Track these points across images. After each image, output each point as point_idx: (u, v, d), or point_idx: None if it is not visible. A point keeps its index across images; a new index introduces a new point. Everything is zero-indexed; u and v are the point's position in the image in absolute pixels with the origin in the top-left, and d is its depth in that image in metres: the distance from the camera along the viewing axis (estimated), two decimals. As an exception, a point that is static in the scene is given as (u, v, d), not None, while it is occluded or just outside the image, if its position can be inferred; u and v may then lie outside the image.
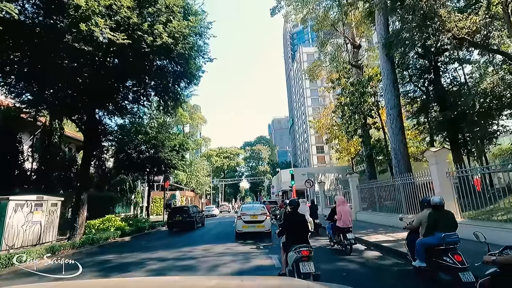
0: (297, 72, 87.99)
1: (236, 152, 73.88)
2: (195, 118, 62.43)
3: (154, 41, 9.55)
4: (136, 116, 15.89)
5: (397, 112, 16.78)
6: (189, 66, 12.60)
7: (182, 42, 10.53)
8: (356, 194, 14.08)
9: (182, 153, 19.15)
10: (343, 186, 21.39)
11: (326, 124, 33.15)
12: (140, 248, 9.72)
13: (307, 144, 75.98)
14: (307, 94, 76.97)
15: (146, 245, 10.37)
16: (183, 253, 8.21)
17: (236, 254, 7.96)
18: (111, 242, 10.87)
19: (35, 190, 12.26)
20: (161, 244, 10.49)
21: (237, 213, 13.55)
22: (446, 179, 7.57)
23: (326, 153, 70.63)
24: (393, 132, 16.63)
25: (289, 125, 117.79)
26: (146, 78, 13.71)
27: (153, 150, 17.47)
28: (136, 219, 16.75)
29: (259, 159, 79.79)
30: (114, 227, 11.93)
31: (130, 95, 15.08)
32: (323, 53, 29.17)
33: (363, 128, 23.05)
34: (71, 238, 10.11)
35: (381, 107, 23.38)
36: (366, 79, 21.49)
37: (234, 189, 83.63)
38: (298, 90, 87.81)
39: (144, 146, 17.91)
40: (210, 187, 60.61)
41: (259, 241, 10.25)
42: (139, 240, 12.18)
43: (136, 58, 11.69)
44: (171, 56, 11.74)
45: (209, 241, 10.70)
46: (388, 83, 17.40)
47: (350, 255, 7.33)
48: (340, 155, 34.35)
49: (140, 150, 17.51)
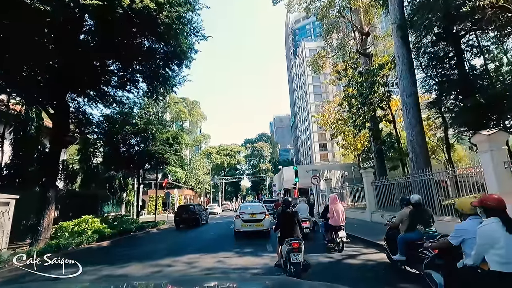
0: (299, 68, 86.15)
1: (236, 150, 72.05)
2: (194, 114, 60.89)
3: (132, 3, 7.85)
4: (123, 106, 14.25)
5: (414, 101, 15.08)
6: (179, 43, 10.90)
7: (167, 9, 8.83)
8: (371, 192, 12.34)
9: (176, 147, 17.47)
10: (350, 184, 19.87)
11: (331, 119, 31.39)
12: (112, 257, 7.92)
13: (310, 141, 74.23)
14: (310, 90, 75.11)
15: (121, 253, 8.59)
16: (160, 268, 6.41)
17: (228, 270, 6.27)
18: (84, 248, 9.17)
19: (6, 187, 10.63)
20: (139, 253, 8.74)
21: (236, 211, 13.44)
22: (504, 171, 5.80)
23: (329, 150, 68.91)
24: (410, 123, 14.92)
25: (290, 123, 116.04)
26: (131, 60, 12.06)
27: (143, 144, 15.85)
28: (123, 219, 15.13)
29: (260, 157, 77.86)
30: (92, 230, 10.28)
31: (114, 80, 13.43)
32: (328, 43, 27.44)
33: (372, 121, 21.36)
34: (34, 244, 8.47)
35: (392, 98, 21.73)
36: (377, 67, 19.75)
37: (235, 187, 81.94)
38: (300, 87, 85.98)
39: (133, 138, 16.27)
40: (210, 185, 59.00)
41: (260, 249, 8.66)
42: (118, 245, 10.46)
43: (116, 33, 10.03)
44: (157, 30, 10.03)
45: (199, 249, 8.92)
46: (404, 68, 15.67)
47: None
48: (346, 151, 32.63)
49: (128, 143, 15.88)
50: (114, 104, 13.63)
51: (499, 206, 2.76)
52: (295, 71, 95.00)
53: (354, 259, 7.09)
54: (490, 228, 2.68)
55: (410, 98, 15.04)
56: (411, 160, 14.64)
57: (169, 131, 17.52)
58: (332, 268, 6.28)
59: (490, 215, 2.78)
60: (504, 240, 2.55)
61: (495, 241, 2.60)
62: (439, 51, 15.97)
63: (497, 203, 2.78)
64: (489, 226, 2.69)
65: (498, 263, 2.57)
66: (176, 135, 17.61)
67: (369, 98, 20.24)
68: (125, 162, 16.13)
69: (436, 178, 10.33)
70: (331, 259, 7.02)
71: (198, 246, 9.85)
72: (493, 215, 2.74)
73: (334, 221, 7.91)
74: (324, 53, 28.85)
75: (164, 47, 11.95)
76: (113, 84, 13.42)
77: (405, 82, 15.42)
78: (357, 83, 21.30)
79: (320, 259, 6.95)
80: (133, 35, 10.42)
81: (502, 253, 2.55)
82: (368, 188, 12.45)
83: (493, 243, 2.61)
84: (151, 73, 12.61)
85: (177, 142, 17.49)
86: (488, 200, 2.86)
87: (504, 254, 2.54)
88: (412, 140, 14.61)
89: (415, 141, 14.46)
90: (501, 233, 2.59)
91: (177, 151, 17.71)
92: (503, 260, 2.55)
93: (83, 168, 17.03)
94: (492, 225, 2.68)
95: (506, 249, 2.54)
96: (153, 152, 15.65)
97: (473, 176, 7.56)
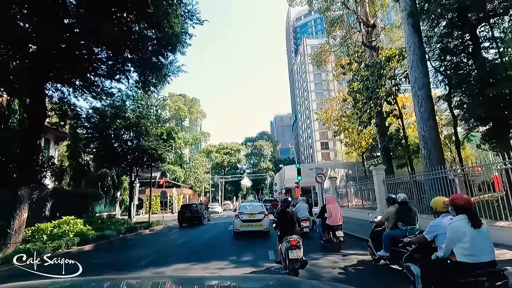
0: (300, 65, 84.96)
1: (237, 148, 70.73)
2: (193, 112, 59.79)
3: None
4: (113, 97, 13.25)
5: (426, 93, 14.11)
6: (172, 26, 9.88)
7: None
8: (383, 191, 11.22)
9: (171, 143, 16.39)
10: (355, 182, 18.88)
11: (334, 115, 30.31)
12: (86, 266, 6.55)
13: (311, 140, 73.09)
14: (311, 88, 73.91)
15: (99, 261, 7.34)
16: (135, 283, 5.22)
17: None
18: (62, 253, 8.05)
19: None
20: (120, 260, 7.67)
21: (235, 211, 13.41)
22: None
23: (331, 149, 67.77)
24: (422, 117, 13.94)
25: (291, 122, 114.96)
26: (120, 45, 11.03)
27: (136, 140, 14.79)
28: (112, 220, 14.09)
29: (261, 156, 76.52)
30: (73, 232, 9.24)
31: (102, 69, 12.39)
32: (331, 36, 26.36)
33: (379, 116, 20.30)
34: (2, 249, 7.43)
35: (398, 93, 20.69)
36: (384, 59, 18.69)
37: (235, 186, 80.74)
38: (301, 84, 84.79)
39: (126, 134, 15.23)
40: (210, 184, 57.94)
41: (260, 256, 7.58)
42: (101, 250, 9.31)
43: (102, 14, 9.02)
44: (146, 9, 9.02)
45: (189, 256, 7.77)
46: (415, 58, 14.67)
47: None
48: (350, 149, 31.58)
49: (120, 138, 14.84)
50: (103, 96, 12.57)
51: (467, 205, 3.00)
52: (296, 69, 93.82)
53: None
54: (458, 224, 2.92)
55: (422, 90, 14.03)
56: (424, 156, 13.64)
57: (163, 126, 16.46)
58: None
59: (459, 213, 3.01)
60: (470, 235, 2.83)
61: (462, 235, 2.87)
62: (453, 40, 14.88)
63: (465, 202, 3.02)
64: (457, 222, 2.94)
65: (464, 255, 2.85)
66: (170, 130, 16.55)
67: (375, 92, 19.20)
68: (116, 159, 15.08)
69: (450, 177, 9.37)
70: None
71: (189, 252, 8.73)
72: (461, 212, 2.98)
73: (332, 220, 7.90)
74: (327, 47, 27.78)
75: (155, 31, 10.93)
76: (101, 73, 12.40)
77: (417, 73, 14.40)
78: (363, 77, 20.26)
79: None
80: (121, 18, 9.40)
81: (467, 246, 2.83)
82: (379, 187, 11.35)
83: (460, 238, 2.88)
84: (142, 60, 11.59)
85: (172, 137, 16.43)
86: (458, 199, 3.09)
87: (469, 247, 2.82)
88: (425, 135, 13.60)
89: (427, 136, 13.45)
90: (467, 228, 2.85)
91: (172, 147, 16.65)
92: (468, 252, 2.82)
93: (73, 165, 15.99)
94: (460, 222, 2.92)
95: (471, 243, 2.82)
96: (146, 148, 14.60)
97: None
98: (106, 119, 13.71)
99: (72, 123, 14.56)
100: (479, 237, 2.84)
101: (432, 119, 13.66)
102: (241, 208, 12.29)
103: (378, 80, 18.81)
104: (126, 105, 14.72)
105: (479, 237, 2.84)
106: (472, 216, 2.92)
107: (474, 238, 2.82)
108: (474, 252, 2.80)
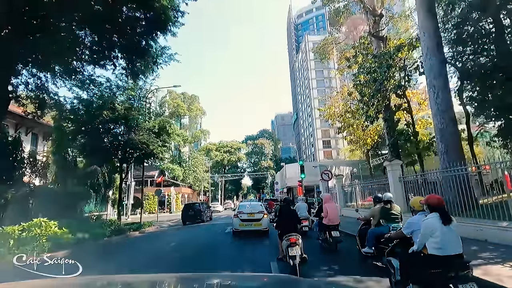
0: (302, 62, 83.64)
1: (237, 146, 69.29)
2: (193, 109, 58.52)
3: None
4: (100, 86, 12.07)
5: (443, 82, 12.89)
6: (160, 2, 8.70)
7: None
8: (400, 189, 9.84)
9: (164, 138, 15.13)
10: (363, 181, 17.73)
11: (338, 111, 29.01)
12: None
13: (313, 138, 71.85)
14: (313, 85, 72.59)
15: None
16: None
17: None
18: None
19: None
20: (87, 272, 6.37)
21: (234, 210, 13.24)
22: None
23: (334, 147, 66.52)
24: (439, 108, 12.68)
25: (293, 120, 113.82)
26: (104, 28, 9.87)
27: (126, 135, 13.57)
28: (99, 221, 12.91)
29: (261, 154, 75.06)
30: (46, 237, 8.04)
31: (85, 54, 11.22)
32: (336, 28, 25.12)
33: (387, 110, 19.05)
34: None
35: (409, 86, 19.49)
36: (395, 48, 17.44)
37: (235, 185, 79.48)
38: (303, 82, 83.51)
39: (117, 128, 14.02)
40: (209, 183, 56.73)
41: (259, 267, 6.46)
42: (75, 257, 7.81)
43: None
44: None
45: (171, 269, 6.42)
46: (431, 45, 13.38)
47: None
48: (355, 147, 30.32)
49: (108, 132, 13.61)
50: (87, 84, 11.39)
51: (439, 204, 3.36)
52: (297, 66, 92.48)
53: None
54: (430, 221, 3.26)
55: (439, 79, 12.76)
56: (440, 152, 12.39)
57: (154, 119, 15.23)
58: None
59: (432, 211, 3.34)
60: (440, 231, 3.16)
61: (433, 231, 3.20)
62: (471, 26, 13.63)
63: (437, 202, 3.39)
64: (430, 220, 3.28)
65: (434, 248, 3.18)
66: (163, 123, 15.30)
67: (384, 85, 17.98)
68: (104, 154, 13.84)
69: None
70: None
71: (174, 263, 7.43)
72: (434, 211, 3.32)
73: (328, 220, 7.81)
74: (331, 40, 26.53)
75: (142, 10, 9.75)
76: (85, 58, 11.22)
77: (433, 61, 13.10)
78: (370, 68, 19.02)
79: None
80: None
81: (437, 241, 3.17)
82: (395, 184, 9.96)
83: (432, 233, 3.22)
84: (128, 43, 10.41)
85: (166, 132, 15.19)
86: (431, 199, 3.46)
87: (439, 241, 3.16)
88: (442, 128, 12.32)
89: (445, 129, 12.17)
90: (438, 225, 3.18)
91: (166, 142, 15.38)
92: (438, 246, 3.16)
93: (58, 162, 14.77)
94: (432, 219, 3.25)
95: (441, 237, 3.15)
96: (136, 142, 13.35)
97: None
98: (92, 110, 12.48)
99: (56, 115, 13.36)
100: (449, 233, 3.14)
101: (450, 110, 12.42)
102: (240, 207, 12.33)
103: (386, 72, 17.56)
104: (114, 96, 13.48)
105: (449, 233, 3.14)
106: (443, 214, 3.22)
107: (444, 233, 3.12)
108: (443, 246, 3.10)
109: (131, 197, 27.69)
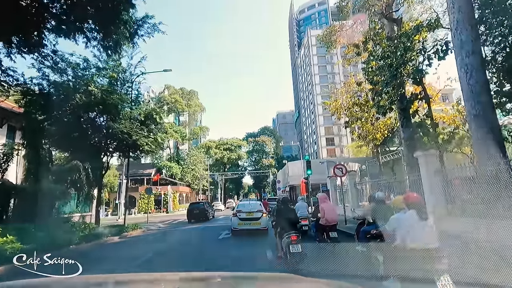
0: (304, 58, 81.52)
1: (238, 144, 67.17)
2: (192, 105, 56.54)
3: None
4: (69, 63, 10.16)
5: (478, 61, 10.84)
6: None
7: None
8: (437, 186, 7.76)
9: (151, 127, 13.20)
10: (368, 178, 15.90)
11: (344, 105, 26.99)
12: None
13: (316, 136, 69.81)
14: (316, 81, 70.47)
15: None
16: None
17: None
18: None
19: None
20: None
21: (233, 210, 13.28)
22: None
23: (337, 145, 64.48)
24: (472, 91, 10.67)
25: (295, 118, 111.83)
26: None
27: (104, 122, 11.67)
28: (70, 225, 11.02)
29: (263, 152, 72.93)
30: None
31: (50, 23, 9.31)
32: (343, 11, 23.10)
33: (403, 100, 17.09)
34: None
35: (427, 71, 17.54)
36: (413, 28, 15.49)
37: (236, 184, 77.43)
38: (305, 78, 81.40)
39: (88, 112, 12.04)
40: (209, 182, 54.80)
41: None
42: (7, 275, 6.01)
43: None
44: None
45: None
46: (461, 18, 11.35)
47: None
48: (363, 142, 28.36)
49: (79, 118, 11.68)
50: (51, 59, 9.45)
51: (416, 202, 3.69)
52: (300, 62, 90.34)
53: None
54: (408, 217, 3.59)
55: (472, 57, 10.65)
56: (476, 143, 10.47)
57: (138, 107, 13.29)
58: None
59: (410, 208, 3.65)
60: (417, 225, 3.47)
61: (410, 226, 3.53)
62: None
63: (415, 200, 3.74)
64: (408, 216, 3.61)
65: (413, 242, 3.45)
66: (150, 111, 13.34)
67: (399, 71, 16.02)
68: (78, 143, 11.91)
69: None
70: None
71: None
72: (412, 208, 3.63)
73: (325, 220, 7.69)
74: (338, 26, 24.53)
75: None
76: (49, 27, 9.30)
77: (464, 36, 10.99)
78: (384, 53, 17.05)
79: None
80: None
81: (414, 234, 3.48)
82: (430, 180, 7.90)
83: (409, 228, 3.53)
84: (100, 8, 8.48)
85: (154, 120, 13.26)
86: (409, 198, 3.81)
87: (416, 236, 3.45)
88: (477, 114, 10.27)
89: (481, 115, 10.20)
90: (415, 220, 3.49)
91: (152, 132, 13.40)
92: (416, 240, 3.45)
93: (29, 155, 12.92)
94: (410, 216, 3.58)
95: (419, 232, 3.45)
96: (115, 131, 11.41)
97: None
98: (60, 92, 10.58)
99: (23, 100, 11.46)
100: (425, 227, 3.49)
101: (487, 93, 10.42)
102: (239, 206, 12.45)
103: (404, 55, 15.59)
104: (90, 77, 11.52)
105: (425, 227, 3.49)
106: (420, 211, 3.56)
107: (421, 228, 3.47)
108: (420, 240, 3.44)
109: (122, 196, 25.85)
